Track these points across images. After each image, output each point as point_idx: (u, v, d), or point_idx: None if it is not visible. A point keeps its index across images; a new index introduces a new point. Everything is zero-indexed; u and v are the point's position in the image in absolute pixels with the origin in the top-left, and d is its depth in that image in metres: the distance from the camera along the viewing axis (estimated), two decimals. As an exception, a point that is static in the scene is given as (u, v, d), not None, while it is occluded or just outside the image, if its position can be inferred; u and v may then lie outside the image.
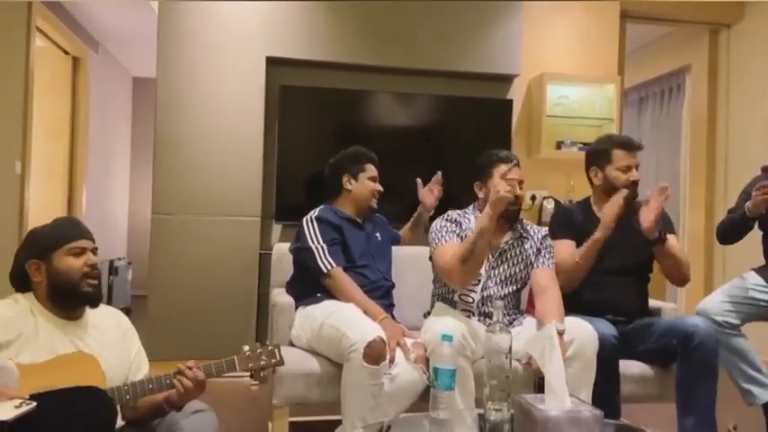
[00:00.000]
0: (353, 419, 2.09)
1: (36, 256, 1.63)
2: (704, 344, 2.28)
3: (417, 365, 2.16)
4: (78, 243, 1.65)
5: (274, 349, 1.76)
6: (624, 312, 2.53)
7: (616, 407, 2.26)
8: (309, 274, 2.48)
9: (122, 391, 1.57)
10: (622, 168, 2.53)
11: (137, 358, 1.78)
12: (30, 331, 1.56)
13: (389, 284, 2.64)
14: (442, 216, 2.50)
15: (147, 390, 1.60)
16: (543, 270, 2.44)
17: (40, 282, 1.63)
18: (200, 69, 3.79)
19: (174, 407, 1.64)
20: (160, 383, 1.61)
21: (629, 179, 2.51)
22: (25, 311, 1.59)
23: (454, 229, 2.43)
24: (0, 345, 1.51)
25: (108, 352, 1.65)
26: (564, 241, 2.54)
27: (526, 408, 1.51)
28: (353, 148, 2.74)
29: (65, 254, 1.63)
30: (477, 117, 4.12)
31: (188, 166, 3.76)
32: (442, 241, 2.38)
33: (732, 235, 2.80)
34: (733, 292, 2.69)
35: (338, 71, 4.02)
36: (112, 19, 5.42)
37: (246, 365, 1.72)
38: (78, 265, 1.63)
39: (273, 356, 1.76)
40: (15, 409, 1.29)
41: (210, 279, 3.74)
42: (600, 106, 4.39)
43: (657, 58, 5.68)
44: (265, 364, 1.74)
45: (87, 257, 1.66)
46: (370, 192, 2.66)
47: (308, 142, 3.90)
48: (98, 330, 1.69)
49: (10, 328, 1.53)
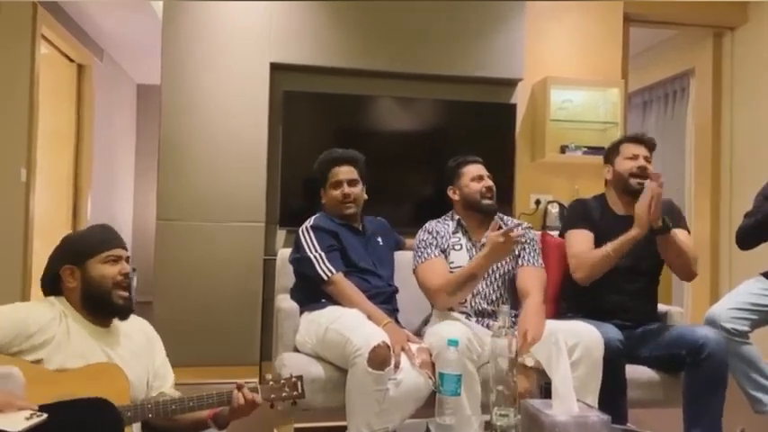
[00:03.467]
0: (359, 425, 2.08)
1: (72, 262, 1.64)
2: (714, 356, 2.26)
3: (422, 370, 2.15)
4: (114, 252, 1.68)
5: (297, 381, 1.78)
6: (632, 316, 2.51)
7: (623, 412, 2.24)
8: (311, 282, 2.48)
9: (145, 409, 1.57)
10: (629, 157, 2.55)
11: (162, 368, 1.79)
12: (62, 335, 1.57)
13: (392, 289, 2.63)
14: (423, 228, 2.57)
15: (169, 410, 1.59)
16: (528, 269, 2.46)
17: (74, 287, 1.64)
18: (205, 76, 3.80)
19: (220, 425, 1.66)
20: (183, 405, 1.61)
21: (635, 166, 2.52)
22: (59, 315, 1.60)
23: (432, 241, 2.49)
24: (35, 346, 1.52)
25: (135, 361, 1.67)
26: (582, 231, 2.52)
27: (533, 413, 1.50)
28: (322, 154, 2.70)
29: (101, 261, 1.65)
30: (481, 121, 4.11)
31: (192, 172, 3.77)
32: (423, 257, 2.45)
33: (755, 238, 2.74)
34: (741, 298, 2.66)
35: (342, 76, 4.03)
36: (117, 26, 5.44)
37: (269, 396, 1.73)
38: (113, 273, 1.65)
39: (296, 389, 1.77)
40: (26, 420, 1.28)
41: (215, 285, 3.74)
42: (604, 110, 4.38)
43: (661, 62, 5.67)
44: (287, 396, 1.76)
45: (122, 266, 1.68)
46: (334, 200, 2.63)
47: (312, 148, 3.87)
48: (128, 339, 1.70)
49: (47, 330, 1.55)
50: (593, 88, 4.37)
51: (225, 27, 3.83)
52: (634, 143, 2.60)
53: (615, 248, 2.38)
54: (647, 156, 2.57)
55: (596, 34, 4.46)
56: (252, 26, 3.85)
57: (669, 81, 5.68)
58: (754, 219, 2.73)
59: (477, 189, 2.52)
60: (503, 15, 4.13)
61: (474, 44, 4.08)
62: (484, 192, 2.51)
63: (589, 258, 2.44)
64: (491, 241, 2.21)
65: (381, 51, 3.98)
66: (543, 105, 4.25)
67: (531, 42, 4.29)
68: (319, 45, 3.91)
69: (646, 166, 2.53)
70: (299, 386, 1.77)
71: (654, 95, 6.00)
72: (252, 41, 3.85)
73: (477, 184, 2.53)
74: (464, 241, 2.53)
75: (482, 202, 2.51)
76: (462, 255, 2.49)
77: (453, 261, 2.48)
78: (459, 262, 2.46)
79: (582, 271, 2.45)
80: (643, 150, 2.57)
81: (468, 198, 2.54)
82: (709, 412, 2.27)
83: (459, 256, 2.49)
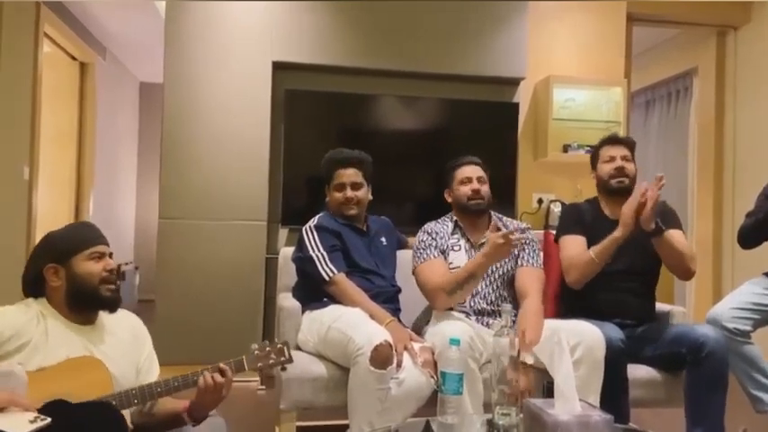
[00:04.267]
0: (361, 424, 2.08)
1: (55, 261, 1.62)
2: (714, 354, 2.26)
3: (424, 370, 2.15)
4: (98, 248, 1.66)
5: (283, 347, 1.75)
6: (632, 316, 2.51)
7: (624, 411, 2.24)
8: (313, 281, 2.48)
9: (130, 396, 1.55)
10: (606, 160, 2.60)
11: (147, 361, 1.76)
12: (39, 336, 1.55)
13: (395, 289, 2.63)
14: (422, 229, 2.60)
15: (155, 392, 1.58)
16: (527, 270, 2.49)
17: (58, 286, 1.62)
18: (207, 74, 3.81)
19: (195, 419, 1.63)
20: (168, 386, 1.59)
21: (612, 168, 2.56)
22: (36, 317, 1.58)
23: (431, 242, 2.52)
24: (10, 352, 1.50)
25: (119, 356, 1.65)
26: (575, 236, 2.54)
27: (535, 412, 1.50)
28: (329, 153, 2.70)
29: (85, 258, 1.63)
30: (483, 120, 4.11)
31: (195, 170, 3.77)
32: (422, 257, 2.48)
33: (756, 237, 2.76)
34: (743, 298, 2.66)
35: (344, 75, 4.03)
36: (120, 24, 5.44)
37: (255, 365, 1.71)
38: (98, 269, 1.63)
39: (282, 354, 1.74)
40: (30, 423, 1.26)
41: (217, 283, 3.75)
42: (606, 109, 4.37)
43: (664, 61, 5.66)
44: (274, 362, 1.73)
45: (106, 262, 1.66)
46: (336, 202, 2.64)
47: (314, 146, 3.89)
48: (111, 335, 1.68)
49: (22, 334, 1.53)
50: (595, 87, 4.36)
51: (227, 26, 3.83)
52: (610, 145, 2.64)
53: (598, 252, 2.40)
54: (624, 155, 2.59)
55: (599, 33, 4.45)
56: (254, 25, 3.85)
57: (672, 80, 5.67)
58: (755, 218, 2.75)
59: (463, 192, 2.56)
60: (505, 14, 4.12)
61: (477, 43, 4.08)
62: (470, 194, 2.54)
63: (578, 262, 2.46)
64: (491, 242, 2.22)
65: (384, 50, 3.98)
66: (546, 104, 4.24)
67: (534, 41, 4.28)
68: (321, 44, 3.91)
69: (623, 166, 2.56)
70: (285, 351, 1.74)
71: (657, 95, 5.98)
72: (254, 40, 3.85)
73: (465, 186, 2.56)
74: (462, 242, 2.54)
75: (468, 204, 2.54)
76: (461, 255, 2.50)
77: (452, 262, 2.49)
78: (457, 262, 2.47)
79: (572, 275, 2.48)
80: (621, 150, 2.60)
81: (458, 201, 2.59)
82: (711, 411, 2.27)
83: (458, 256, 2.50)
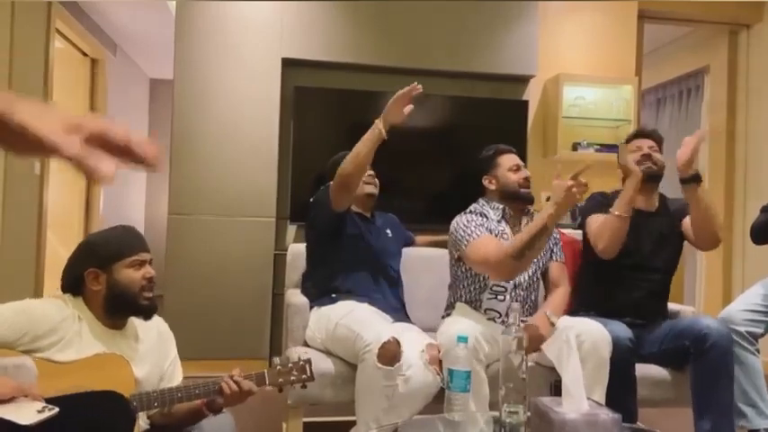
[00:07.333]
0: (367, 420, 2.09)
1: (96, 266, 1.62)
2: (718, 345, 2.24)
3: (431, 367, 2.15)
4: (140, 256, 1.66)
5: (305, 364, 1.75)
6: (644, 315, 2.50)
7: (632, 411, 2.23)
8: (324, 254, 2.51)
9: (151, 398, 1.57)
10: (632, 149, 2.58)
11: (171, 366, 1.78)
12: (73, 336, 1.57)
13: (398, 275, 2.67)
14: (463, 213, 2.50)
15: (175, 398, 1.59)
16: (557, 265, 2.55)
17: (98, 291, 1.62)
18: (217, 70, 3.82)
19: (214, 411, 1.65)
20: (189, 393, 1.61)
21: (639, 154, 2.54)
22: (72, 316, 1.59)
23: (482, 222, 2.42)
24: (43, 347, 1.51)
25: (145, 360, 1.67)
26: (600, 215, 2.52)
27: (543, 410, 1.50)
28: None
29: (126, 266, 1.64)
30: (493, 118, 4.09)
31: (204, 166, 3.79)
32: (473, 236, 2.35)
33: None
34: (754, 299, 2.63)
35: (353, 72, 4.02)
36: (130, 21, 5.47)
37: (276, 380, 1.71)
38: (138, 277, 1.64)
39: (304, 372, 1.74)
40: (38, 413, 1.27)
41: (226, 279, 3.76)
42: (617, 107, 4.35)
43: (675, 59, 5.62)
44: (296, 379, 1.73)
45: (146, 270, 1.67)
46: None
47: (323, 143, 3.90)
48: (139, 340, 1.71)
49: (57, 331, 1.54)
50: (606, 85, 4.34)
51: (237, 23, 3.84)
52: (635, 138, 2.64)
53: (617, 205, 2.40)
54: (651, 146, 2.58)
55: (610, 31, 4.42)
56: (263, 22, 3.86)
57: (683, 79, 5.63)
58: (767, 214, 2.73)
59: (515, 179, 2.47)
60: (516, 12, 4.10)
61: (486, 40, 4.06)
62: (522, 182, 2.47)
63: (603, 226, 2.44)
64: (559, 189, 2.11)
65: (393, 47, 3.98)
66: (556, 102, 4.22)
67: (544, 39, 4.27)
68: (331, 41, 3.91)
69: (650, 153, 2.55)
70: (307, 369, 1.74)
71: (668, 93, 5.94)
72: (263, 37, 3.85)
73: (515, 174, 2.48)
74: (508, 231, 2.46)
75: (521, 192, 2.47)
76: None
77: None
78: None
79: (603, 240, 2.43)
80: (648, 143, 2.59)
81: (507, 188, 2.49)
82: (718, 403, 2.25)
83: None
